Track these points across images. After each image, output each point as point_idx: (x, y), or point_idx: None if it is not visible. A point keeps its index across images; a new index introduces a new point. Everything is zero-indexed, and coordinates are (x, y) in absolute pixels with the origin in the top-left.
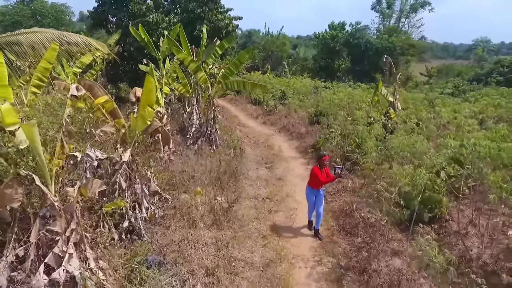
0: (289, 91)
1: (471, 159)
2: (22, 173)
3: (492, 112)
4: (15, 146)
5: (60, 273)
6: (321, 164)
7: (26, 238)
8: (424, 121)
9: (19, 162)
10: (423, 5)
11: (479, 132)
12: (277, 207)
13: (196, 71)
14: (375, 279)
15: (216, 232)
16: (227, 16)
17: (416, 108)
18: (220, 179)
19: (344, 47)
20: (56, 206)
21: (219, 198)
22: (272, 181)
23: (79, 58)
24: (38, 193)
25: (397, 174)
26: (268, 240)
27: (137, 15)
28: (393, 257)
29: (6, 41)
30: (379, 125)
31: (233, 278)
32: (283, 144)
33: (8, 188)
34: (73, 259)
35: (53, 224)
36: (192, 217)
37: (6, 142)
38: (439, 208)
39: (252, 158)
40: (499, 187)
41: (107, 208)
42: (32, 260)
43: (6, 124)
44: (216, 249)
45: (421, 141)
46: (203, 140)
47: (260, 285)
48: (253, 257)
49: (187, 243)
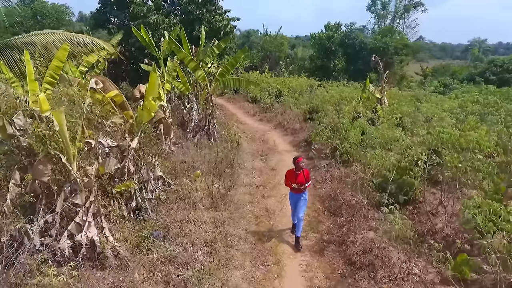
0: (285, 90)
1: (435, 144)
2: (52, 152)
3: (470, 107)
4: (48, 129)
5: (82, 236)
6: (296, 166)
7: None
8: (405, 115)
9: (49, 143)
10: (416, 6)
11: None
12: (270, 193)
13: (195, 69)
14: (352, 248)
15: (213, 213)
16: (225, 17)
17: (399, 104)
18: (218, 168)
19: (340, 47)
20: (78, 182)
21: (216, 185)
22: (266, 171)
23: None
24: (63, 170)
25: (369, 156)
26: (260, 220)
27: (138, 16)
28: (368, 231)
29: (22, 41)
30: (364, 119)
31: (229, 249)
32: (278, 139)
33: (40, 164)
34: (92, 227)
35: (75, 197)
36: (192, 199)
37: (36, 127)
38: (413, 191)
39: (248, 151)
40: (455, 167)
41: (118, 189)
42: (58, 227)
43: (42, 111)
44: (214, 226)
45: (400, 131)
46: (202, 134)
47: (252, 255)
48: (246, 234)
49: (188, 221)
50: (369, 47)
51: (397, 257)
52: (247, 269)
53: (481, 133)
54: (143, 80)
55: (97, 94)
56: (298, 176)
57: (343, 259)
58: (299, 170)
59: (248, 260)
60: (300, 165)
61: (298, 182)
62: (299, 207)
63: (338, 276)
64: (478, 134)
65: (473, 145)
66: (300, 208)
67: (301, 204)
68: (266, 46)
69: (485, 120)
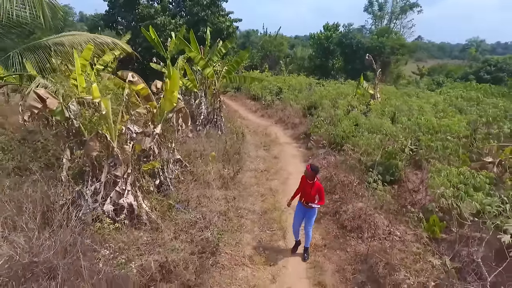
0: (285, 87)
1: (414, 128)
2: (100, 132)
3: (454, 101)
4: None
5: (123, 201)
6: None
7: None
8: (394, 107)
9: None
10: (412, 7)
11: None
12: (273, 176)
13: (205, 67)
14: (344, 216)
15: (225, 191)
16: (228, 19)
17: (389, 98)
18: (228, 154)
19: (338, 47)
20: (119, 157)
21: (226, 169)
22: (269, 159)
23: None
24: (107, 147)
25: (357, 138)
26: (265, 197)
27: (146, 18)
28: (358, 203)
29: (53, 42)
30: (358, 111)
31: (240, 218)
32: (279, 133)
33: (90, 142)
34: (129, 195)
35: (116, 170)
36: (206, 180)
37: (84, 112)
38: (398, 172)
39: (252, 143)
40: (428, 145)
41: (145, 168)
42: (103, 194)
43: (94, 98)
44: (226, 201)
45: (386, 120)
46: (211, 126)
47: (259, 223)
48: (254, 207)
49: (204, 197)
50: (366, 47)
51: (381, 221)
52: (256, 233)
53: (454, 120)
54: (149, 78)
55: (133, 85)
56: (307, 186)
57: (336, 224)
58: (311, 180)
59: (256, 226)
60: (310, 173)
61: (306, 192)
62: (308, 222)
63: (332, 237)
64: (451, 121)
65: (445, 129)
66: (309, 222)
67: (310, 218)
68: (266, 45)
69: (464, 112)
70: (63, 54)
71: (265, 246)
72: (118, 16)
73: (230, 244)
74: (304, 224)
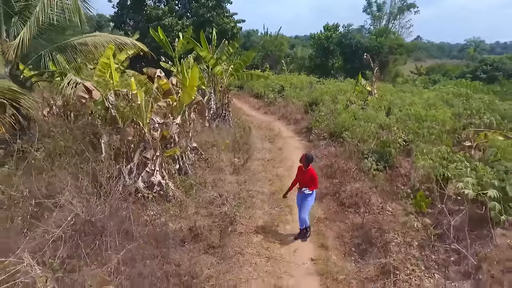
0: (287, 85)
1: (404, 119)
2: (135, 119)
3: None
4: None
5: (154, 179)
6: (303, 163)
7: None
8: (388, 102)
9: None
10: (409, 7)
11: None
12: (278, 164)
13: (215, 65)
14: (343, 195)
15: (236, 176)
16: (232, 20)
17: (385, 94)
18: (238, 143)
19: (337, 47)
20: (150, 142)
21: (236, 158)
22: (274, 150)
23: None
24: (139, 133)
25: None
26: (272, 181)
27: (154, 19)
28: (355, 184)
29: (78, 42)
30: (356, 106)
31: (251, 198)
32: (282, 128)
33: (126, 128)
34: (157, 175)
35: (146, 152)
36: (219, 166)
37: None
38: (391, 159)
39: (257, 137)
40: (415, 132)
41: (167, 153)
42: (135, 173)
43: (132, 90)
44: (238, 185)
45: (381, 112)
46: (220, 120)
47: (268, 202)
48: (263, 189)
49: (219, 180)
50: (365, 47)
51: (375, 199)
52: (266, 209)
53: (440, 111)
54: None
55: (160, 81)
56: (302, 173)
57: (336, 202)
58: (305, 167)
59: (266, 204)
60: (304, 162)
61: (299, 176)
62: (303, 209)
63: (332, 212)
64: (437, 112)
65: (431, 119)
66: (303, 209)
67: (305, 205)
68: (267, 45)
69: (452, 105)
70: (86, 53)
71: (274, 219)
72: (126, 17)
73: (245, 217)
74: (299, 210)
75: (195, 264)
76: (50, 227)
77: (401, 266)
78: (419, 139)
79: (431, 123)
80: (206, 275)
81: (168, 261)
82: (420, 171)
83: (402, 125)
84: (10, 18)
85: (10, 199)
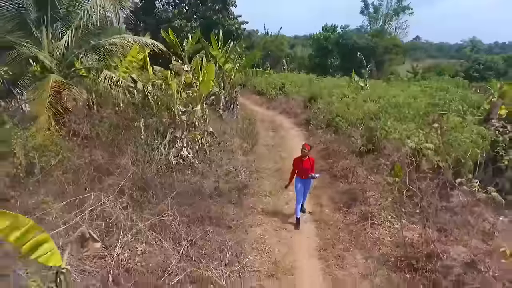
0: (287, 83)
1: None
2: (168, 105)
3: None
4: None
5: (182, 152)
6: (302, 153)
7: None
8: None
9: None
10: (404, 9)
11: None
12: (281, 149)
13: (225, 63)
14: (335, 169)
15: (246, 157)
16: (237, 21)
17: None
18: (247, 132)
19: (335, 47)
20: (179, 123)
21: (245, 144)
22: (277, 138)
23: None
24: (171, 116)
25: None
26: (277, 161)
27: (164, 21)
28: (345, 161)
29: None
30: (349, 98)
31: (259, 173)
32: (283, 120)
33: (162, 112)
34: (185, 150)
35: (176, 132)
36: (231, 149)
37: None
38: (377, 142)
39: (261, 128)
40: (393, 116)
41: (190, 135)
42: (167, 149)
43: (168, 81)
44: (248, 162)
45: (368, 102)
46: (228, 112)
47: (274, 176)
48: (269, 166)
49: (232, 159)
50: (361, 47)
51: (361, 172)
52: (272, 182)
53: (417, 101)
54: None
55: (187, 74)
56: (304, 162)
57: (329, 175)
58: (305, 157)
59: (272, 177)
60: (304, 151)
61: (303, 167)
62: (307, 188)
63: (326, 182)
64: (414, 101)
65: (407, 106)
66: (307, 188)
67: (308, 186)
68: (267, 46)
69: (431, 97)
70: (115, 52)
71: (279, 187)
72: (137, 19)
73: (255, 185)
74: (304, 191)
75: (221, 210)
76: (114, 181)
77: (377, 214)
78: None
79: (408, 109)
80: (230, 218)
81: (201, 208)
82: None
83: (383, 111)
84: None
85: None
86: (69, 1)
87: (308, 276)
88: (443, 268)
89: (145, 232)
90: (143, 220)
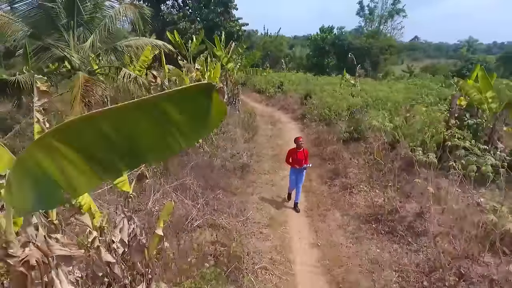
0: (286, 81)
1: (368, 99)
2: None
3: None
4: None
5: None
6: (297, 145)
7: None
8: (364, 91)
9: None
10: (398, 12)
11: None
12: (278, 139)
13: (228, 62)
14: (324, 154)
15: (247, 144)
16: (238, 23)
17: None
18: (248, 124)
19: (332, 47)
20: None
21: (246, 134)
22: (275, 130)
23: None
24: None
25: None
26: (274, 149)
27: (169, 23)
28: (333, 146)
29: (125, 44)
30: (339, 94)
31: (259, 157)
32: (281, 115)
33: None
34: None
35: None
36: (235, 137)
37: (171, 85)
38: (363, 132)
39: (261, 121)
40: (379, 109)
41: None
42: None
43: (182, 77)
44: (248, 149)
45: (356, 96)
46: (231, 106)
47: (272, 159)
48: (268, 153)
49: (235, 145)
50: (356, 48)
51: (347, 155)
52: (270, 164)
53: (396, 94)
54: None
55: (197, 72)
56: (298, 153)
57: (319, 158)
58: (299, 149)
59: (270, 161)
60: (299, 143)
61: (298, 158)
62: (299, 180)
63: (317, 164)
64: (393, 95)
65: (387, 98)
66: (300, 181)
67: (301, 177)
68: (267, 46)
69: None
70: (130, 53)
71: (276, 168)
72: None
73: (255, 166)
74: (297, 183)
75: (229, 181)
76: None
77: (355, 185)
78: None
79: (386, 102)
80: (235, 186)
81: (212, 178)
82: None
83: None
84: (79, 27)
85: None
86: (92, 8)
87: (297, 227)
88: (400, 218)
89: (170, 193)
90: (169, 183)
